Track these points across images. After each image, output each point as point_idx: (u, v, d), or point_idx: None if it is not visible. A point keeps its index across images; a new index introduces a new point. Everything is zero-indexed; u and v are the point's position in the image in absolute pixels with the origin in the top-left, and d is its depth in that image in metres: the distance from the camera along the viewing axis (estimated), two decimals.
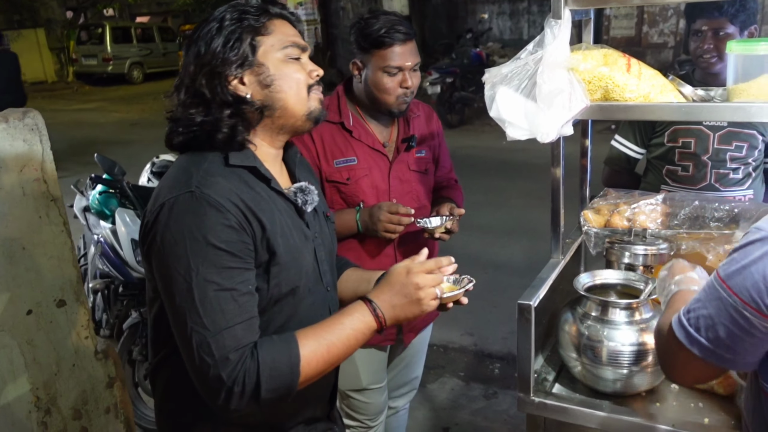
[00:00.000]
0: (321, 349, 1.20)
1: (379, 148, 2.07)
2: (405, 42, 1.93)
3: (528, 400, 1.62)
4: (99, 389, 2.36)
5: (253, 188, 1.26)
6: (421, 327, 2.31)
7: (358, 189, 2.04)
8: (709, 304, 1.10)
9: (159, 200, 1.22)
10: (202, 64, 1.26)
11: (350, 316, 1.25)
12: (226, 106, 1.26)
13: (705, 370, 1.16)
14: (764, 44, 1.48)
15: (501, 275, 4.72)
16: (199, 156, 1.27)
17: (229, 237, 1.17)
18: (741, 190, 2.31)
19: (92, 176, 3.45)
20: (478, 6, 14.88)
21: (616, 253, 1.84)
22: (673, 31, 11.79)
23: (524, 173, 7.15)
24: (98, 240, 3.33)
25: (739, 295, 1.04)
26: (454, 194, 2.29)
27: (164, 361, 1.37)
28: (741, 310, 1.04)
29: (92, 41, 19.67)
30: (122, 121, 13.46)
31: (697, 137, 2.29)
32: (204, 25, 1.30)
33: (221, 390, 1.14)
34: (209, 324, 1.14)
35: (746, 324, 1.04)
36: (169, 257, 1.18)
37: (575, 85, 1.56)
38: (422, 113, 2.21)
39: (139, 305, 3.27)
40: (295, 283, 1.30)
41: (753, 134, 2.25)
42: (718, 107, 1.56)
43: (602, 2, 1.56)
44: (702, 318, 1.10)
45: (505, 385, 3.51)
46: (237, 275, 1.18)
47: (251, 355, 1.15)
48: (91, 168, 3.69)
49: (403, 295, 1.26)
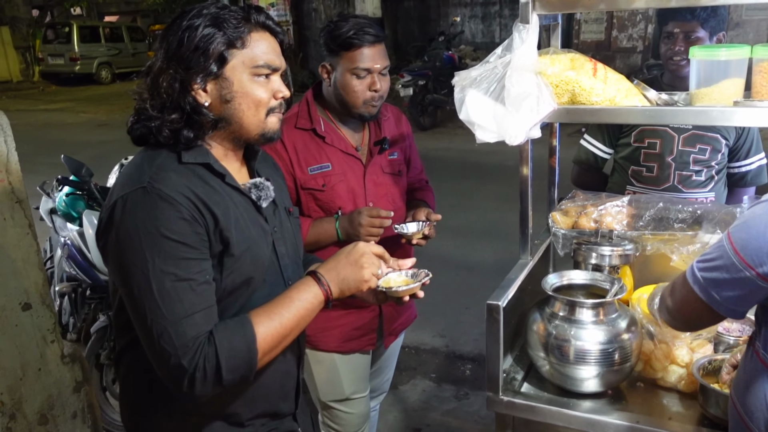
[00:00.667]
0: (274, 324, 1.25)
1: (353, 152, 2.05)
2: (374, 44, 1.92)
3: (497, 399, 1.64)
4: (66, 394, 2.32)
5: (208, 183, 1.28)
6: (400, 330, 2.30)
7: (334, 195, 2.01)
8: (714, 250, 1.25)
9: (113, 197, 1.24)
10: (168, 62, 1.26)
11: (298, 290, 1.31)
12: (179, 110, 1.26)
13: (704, 311, 1.28)
14: (725, 50, 1.52)
15: (472, 277, 4.75)
16: (153, 153, 1.29)
17: (182, 229, 1.19)
18: (703, 192, 2.36)
19: (59, 178, 3.38)
20: (451, 9, 14.97)
21: (584, 254, 1.88)
22: (641, 35, 12.01)
23: (495, 175, 7.21)
24: (65, 242, 3.27)
25: (735, 246, 1.18)
26: (427, 196, 2.29)
27: (124, 352, 1.39)
28: (733, 258, 1.18)
29: (59, 40, 19.29)
30: (90, 121, 13.24)
31: (663, 138, 2.33)
32: (182, 19, 1.28)
33: (184, 377, 1.17)
34: (168, 313, 1.17)
35: (736, 272, 1.18)
36: (125, 252, 1.20)
37: (543, 88, 1.58)
38: (391, 115, 2.20)
39: (107, 308, 3.22)
40: (250, 274, 1.32)
41: (716, 138, 2.30)
42: (681, 111, 1.60)
43: (569, 7, 1.59)
44: (706, 261, 1.26)
45: (476, 385, 3.53)
46: (194, 266, 1.21)
47: (208, 341, 1.18)
48: (57, 169, 3.62)
49: (347, 263, 1.34)
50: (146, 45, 19.64)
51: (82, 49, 18.84)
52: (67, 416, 2.33)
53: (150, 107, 1.27)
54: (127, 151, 3.97)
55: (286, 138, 1.96)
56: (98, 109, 14.70)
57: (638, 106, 1.63)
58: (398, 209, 2.13)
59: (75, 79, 18.95)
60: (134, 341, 1.29)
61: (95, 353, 3.14)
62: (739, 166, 2.39)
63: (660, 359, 1.63)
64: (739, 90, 1.54)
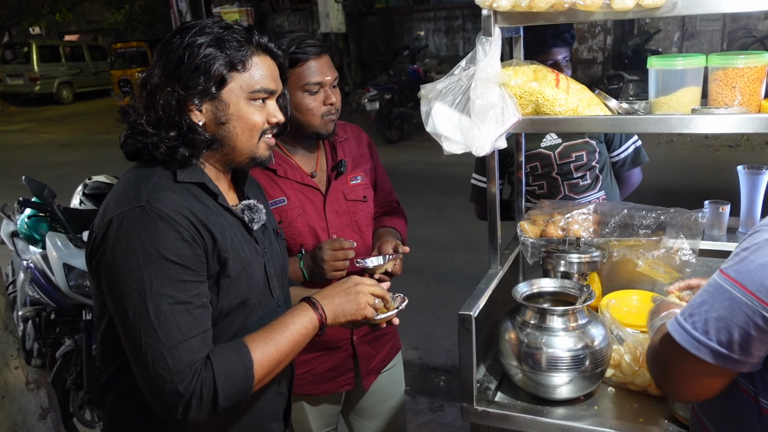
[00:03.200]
0: (269, 350, 1.24)
1: (309, 182, 1.90)
2: (320, 55, 1.80)
3: (471, 409, 1.64)
4: (31, 421, 2.26)
5: (203, 202, 1.27)
6: (381, 367, 2.11)
7: (294, 231, 1.87)
8: (718, 305, 1.03)
9: (107, 216, 1.20)
10: (167, 79, 1.23)
11: (293, 315, 1.31)
12: (176, 127, 1.24)
13: (712, 378, 1.08)
14: (682, 60, 1.56)
15: (444, 288, 4.77)
16: (147, 170, 1.26)
17: (181, 250, 1.17)
18: (593, 194, 2.51)
19: (20, 200, 3.33)
20: (414, 24, 15.12)
21: (552, 262, 1.90)
22: (601, 47, 12.29)
23: (464, 187, 7.19)
24: (28, 266, 3.20)
25: (757, 294, 0.99)
26: (396, 222, 2.11)
27: (111, 379, 1.34)
28: (758, 309, 0.98)
29: (18, 60, 18.95)
30: (51, 142, 13.00)
31: (540, 159, 2.47)
32: (183, 35, 1.25)
33: (179, 404, 1.14)
34: (164, 338, 1.14)
35: (763, 323, 0.98)
36: (120, 273, 1.16)
37: (507, 100, 1.60)
38: (350, 135, 2.05)
39: (72, 332, 3.15)
40: (246, 295, 1.31)
41: (585, 142, 2.44)
42: (641, 119, 1.64)
43: (529, 20, 1.62)
44: (711, 320, 1.03)
45: (450, 397, 3.54)
46: (191, 288, 1.18)
47: (205, 366, 1.16)
48: (18, 191, 3.55)
49: (342, 290, 1.37)
50: (108, 64, 19.36)
51: (41, 68, 18.55)
52: None
53: (145, 122, 1.24)
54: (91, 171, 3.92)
55: None
56: (60, 130, 14.46)
57: (600, 115, 1.67)
58: (365, 239, 1.99)
59: (35, 99, 18.64)
60: (123, 367, 1.25)
61: (61, 379, 3.07)
62: (617, 155, 2.56)
63: (630, 364, 1.65)
64: (696, 98, 1.59)
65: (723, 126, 1.48)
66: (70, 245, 3.05)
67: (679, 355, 1.07)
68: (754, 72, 1.48)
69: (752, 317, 0.99)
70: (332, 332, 1.93)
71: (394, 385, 2.21)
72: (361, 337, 2.00)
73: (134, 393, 1.21)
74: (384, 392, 2.16)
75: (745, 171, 1.95)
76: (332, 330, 1.92)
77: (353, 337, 1.98)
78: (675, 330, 1.08)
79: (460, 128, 1.59)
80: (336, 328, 1.91)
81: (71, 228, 3.10)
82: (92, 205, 3.48)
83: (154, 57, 1.30)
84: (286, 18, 15.36)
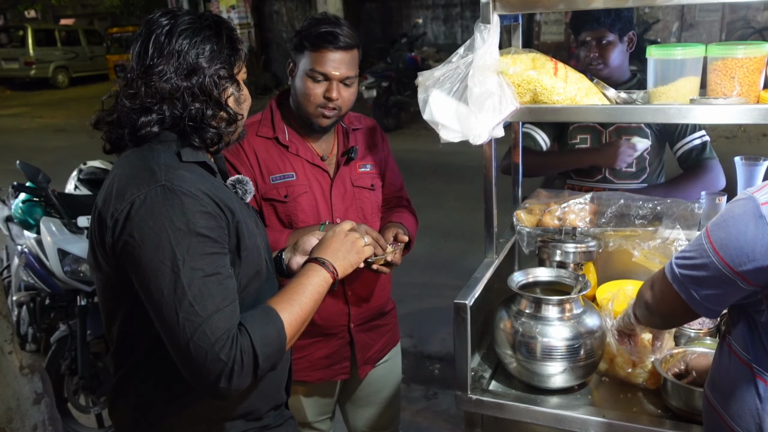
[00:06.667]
0: (295, 309, 1.28)
1: (319, 163, 1.91)
2: (341, 49, 1.79)
3: (465, 397, 1.64)
4: (25, 406, 2.26)
5: (208, 180, 1.30)
6: (378, 358, 2.10)
7: (297, 207, 1.87)
8: (693, 248, 1.25)
9: (126, 198, 1.20)
10: (198, 66, 1.28)
11: (307, 276, 1.37)
12: (222, 108, 1.31)
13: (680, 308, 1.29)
14: (681, 49, 1.55)
15: (439, 277, 4.78)
16: (149, 153, 1.27)
17: (208, 223, 1.20)
18: (634, 183, 2.44)
19: (14, 184, 3.31)
20: (413, 11, 15.04)
21: (548, 252, 1.90)
22: None
23: (460, 175, 7.26)
24: (22, 251, 3.19)
25: (714, 244, 1.18)
26: (405, 218, 2.03)
27: (138, 365, 1.35)
28: (712, 257, 1.18)
29: (13, 44, 18.78)
30: (47, 127, 12.93)
31: (591, 134, 2.44)
32: (196, 30, 1.29)
33: (222, 372, 1.15)
34: (201, 310, 1.15)
35: (715, 271, 1.18)
36: (150, 251, 1.17)
37: (505, 88, 1.59)
38: (364, 126, 2.05)
39: (67, 317, 3.14)
40: (258, 265, 1.36)
41: (640, 127, 2.39)
42: (639, 109, 1.63)
43: (529, 7, 1.61)
44: (685, 258, 1.26)
45: (445, 385, 3.55)
46: (219, 260, 1.21)
47: (240, 332, 1.18)
48: (13, 176, 3.53)
49: (340, 243, 1.46)
50: (104, 48, 19.20)
51: (37, 53, 18.37)
52: (26, 429, 2.27)
53: (186, 105, 1.28)
54: (86, 156, 3.91)
55: (248, 146, 1.86)
56: (55, 114, 14.36)
57: (598, 104, 1.66)
58: (370, 226, 1.92)
59: (30, 83, 18.47)
60: (151, 350, 1.29)
61: (56, 364, 3.07)
62: (682, 145, 2.42)
63: (625, 357, 1.66)
64: (695, 88, 1.58)
65: (722, 116, 1.48)
66: (65, 230, 3.04)
67: (662, 280, 1.33)
68: (753, 62, 1.47)
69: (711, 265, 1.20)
70: (329, 319, 1.94)
71: (391, 376, 2.21)
72: (358, 325, 2.00)
73: (168, 372, 1.25)
74: (380, 383, 2.17)
75: (743, 162, 1.95)
76: (329, 316, 1.94)
77: (350, 324, 1.98)
78: (666, 264, 1.33)
79: (458, 116, 1.58)
80: (332, 315, 1.93)
81: (66, 213, 3.08)
82: (87, 190, 3.46)
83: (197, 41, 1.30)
84: (284, 4, 15.26)
